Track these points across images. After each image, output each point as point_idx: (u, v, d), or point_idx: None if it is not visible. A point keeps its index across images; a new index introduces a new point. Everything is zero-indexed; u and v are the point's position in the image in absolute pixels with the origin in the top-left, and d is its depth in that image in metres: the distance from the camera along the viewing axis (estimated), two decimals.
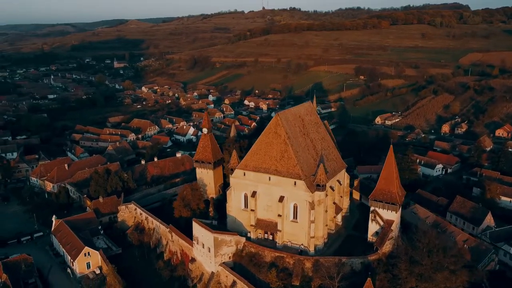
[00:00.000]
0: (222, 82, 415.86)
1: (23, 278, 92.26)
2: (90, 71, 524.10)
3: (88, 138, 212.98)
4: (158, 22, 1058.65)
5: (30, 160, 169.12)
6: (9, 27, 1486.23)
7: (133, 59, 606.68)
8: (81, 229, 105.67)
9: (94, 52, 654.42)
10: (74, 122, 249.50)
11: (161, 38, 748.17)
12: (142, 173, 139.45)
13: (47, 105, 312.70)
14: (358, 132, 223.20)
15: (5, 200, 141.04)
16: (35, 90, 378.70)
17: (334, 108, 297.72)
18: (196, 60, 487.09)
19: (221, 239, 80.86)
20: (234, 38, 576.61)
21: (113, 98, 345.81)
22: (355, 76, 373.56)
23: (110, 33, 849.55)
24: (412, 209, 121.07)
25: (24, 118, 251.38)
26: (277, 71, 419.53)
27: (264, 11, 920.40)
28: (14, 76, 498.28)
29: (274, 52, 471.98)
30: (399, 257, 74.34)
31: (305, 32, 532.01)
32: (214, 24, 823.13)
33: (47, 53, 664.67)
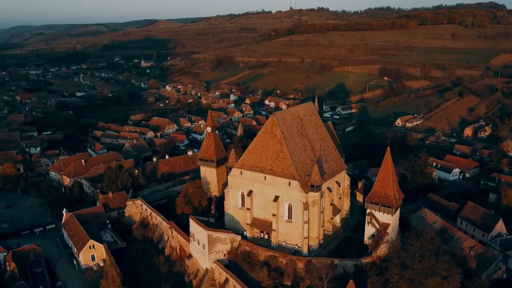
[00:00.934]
0: (245, 82, 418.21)
1: (31, 267, 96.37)
2: (118, 70, 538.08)
3: (109, 135, 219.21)
4: (187, 22, 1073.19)
5: (51, 155, 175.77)
6: (46, 27, 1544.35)
7: (160, 58, 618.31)
8: (89, 223, 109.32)
9: (123, 52, 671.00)
10: (98, 119, 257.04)
11: (188, 38, 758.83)
12: (153, 170, 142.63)
13: (74, 103, 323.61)
14: (375, 134, 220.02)
15: (25, 193, 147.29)
16: (64, 87, 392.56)
17: (355, 109, 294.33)
18: (220, 60, 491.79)
19: (216, 237, 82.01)
20: (259, 38, 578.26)
21: (137, 96, 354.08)
22: (379, 77, 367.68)
23: (140, 33, 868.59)
24: (420, 213, 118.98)
25: (51, 114, 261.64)
26: (300, 72, 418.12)
27: (291, 11, 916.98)
28: (46, 74, 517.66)
29: (298, 52, 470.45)
30: (391, 261, 73.34)
31: (330, 32, 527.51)
32: (241, 24, 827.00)
33: (79, 52, 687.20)
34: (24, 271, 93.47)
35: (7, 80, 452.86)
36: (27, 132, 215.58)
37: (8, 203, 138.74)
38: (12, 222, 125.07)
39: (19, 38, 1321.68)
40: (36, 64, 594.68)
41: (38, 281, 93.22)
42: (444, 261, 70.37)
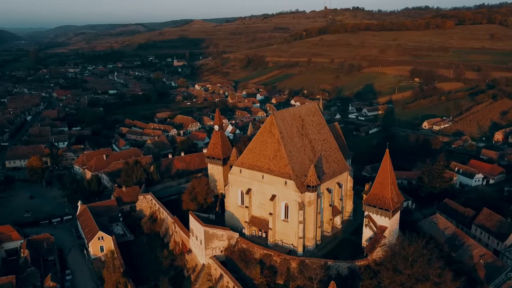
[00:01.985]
0: (273, 82, 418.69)
1: (44, 255, 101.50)
2: (151, 69, 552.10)
3: (134, 131, 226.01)
4: (221, 22, 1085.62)
5: (76, 149, 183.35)
6: (89, 27, 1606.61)
7: (193, 57, 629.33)
8: (101, 215, 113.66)
9: (158, 51, 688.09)
10: (126, 116, 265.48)
11: (221, 37, 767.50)
12: (168, 166, 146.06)
13: (106, 100, 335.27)
14: (398, 137, 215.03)
15: (49, 185, 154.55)
16: (98, 85, 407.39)
17: (382, 111, 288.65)
18: (250, 60, 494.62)
19: (212, 233, 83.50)
20: (290, 38, 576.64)
21: (166, 94, 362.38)
22: (410, 78, 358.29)
23: (175, 32, 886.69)
24: (432, 218, 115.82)
25: (82, 111, 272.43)
26: (329, 72, 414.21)
27: (326, 11, 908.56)
28: (84, 72, 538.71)
29: (328, 52, 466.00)
30: (384, 265, 72.26)
31: (362, 32, 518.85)
32: (274, 24, 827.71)
33: (116, 51, 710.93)
34: (37, 259, 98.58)
35: (47, 78, 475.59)
36: (57, 127, 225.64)
37: (33, 194, 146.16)
38: (33, 212, 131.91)
39: (63, 37, 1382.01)
40: (75, 62, 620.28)
41: (49, 268, 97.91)
42: (437, 267, 68.56)
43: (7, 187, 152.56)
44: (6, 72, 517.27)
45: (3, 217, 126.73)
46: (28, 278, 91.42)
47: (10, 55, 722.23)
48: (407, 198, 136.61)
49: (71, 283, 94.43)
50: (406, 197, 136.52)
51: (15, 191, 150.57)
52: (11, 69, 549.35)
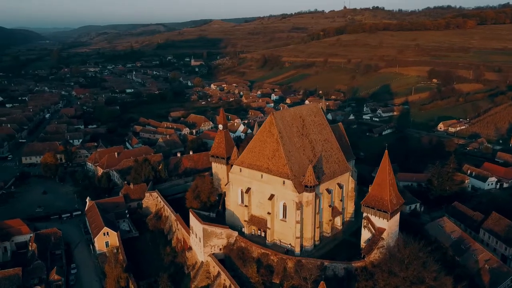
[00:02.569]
0: (289, 82, 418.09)
1: (51, 249, 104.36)
2: (169, 68, 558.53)
3: (147, 130, 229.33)
4: (240, 22, 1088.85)
5: (90, 147, 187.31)
6: (110, 27, 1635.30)
7: (211, 57, 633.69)
8: (109, 211, 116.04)
9: (176, 50, 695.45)
10: (141, 115, 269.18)
11: (239, 37, 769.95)
12: (176, 165, 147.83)
13: (123, 99, 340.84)
14: (411, 138, 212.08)
15: (62, 181, 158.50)
16: (116, 84, 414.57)
17: (397, 112, 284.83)
18: (267, 60, 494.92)
19: (211, 231, 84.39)
20: (307, 38, 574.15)
21: (182, 94, 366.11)
22: (428, 79, 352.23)
23: (193, 32, 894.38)
24: (439, 221, 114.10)
25: (98, 109, 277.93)
26: (346, 72, 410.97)
27: (345, 11, 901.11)
28: (103, 71, 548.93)
29: (345, 52, 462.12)
30: (379, 267, 71.74)
31: (380, 32, 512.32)
32: (293, 24, 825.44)
33: (135, 51, 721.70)
34: (44, 252, 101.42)
35: (67, 77, 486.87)
36: (73, 125, 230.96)
37: (46, 189, 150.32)
38: (45, 207, 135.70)
39: (86, 37, 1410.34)
40: (95, 62, 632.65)
41: (56, 262, 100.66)
42: (432, 270, 67.66)
43: (22, 183, 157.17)
44: (29, 71, 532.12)
45: (17, 211, 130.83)
46: (35, 271, 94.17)
47: (34, 54, 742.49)
48: (415, 200, 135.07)
49: (75, 277, 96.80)
50: (414, 200, 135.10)
51: (29, 186, 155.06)
52: (34, 68, 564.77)
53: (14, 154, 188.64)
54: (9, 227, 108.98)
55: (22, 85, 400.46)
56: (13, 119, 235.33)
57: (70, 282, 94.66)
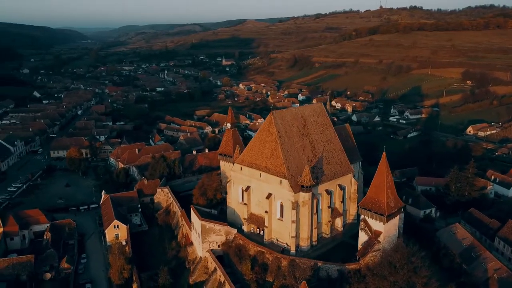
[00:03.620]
0: (317, 82, 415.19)
1: (65, 239, 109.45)
2: (200, 68, 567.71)
3: (171, 128, 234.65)
4: (274, 22, 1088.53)
5: (114, 143, 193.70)
6: (149, 27, 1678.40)
7: (242, 57, 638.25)
8: (122, 205, 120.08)
9: (209, 50, 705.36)
10: (168, 113, 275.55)
11: (272, 37, 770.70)
12: (191, 162, 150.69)
13: (152, 97, 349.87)
14: (435, 142, 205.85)
15: (84, 175, 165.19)
16: (148, 83, 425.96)
17: (425, 114, 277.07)
18: (297, 60, 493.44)
19: (209, 227, 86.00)
20: (339, 38, 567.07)
21: (210, 93, 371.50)
22: (461, 81, 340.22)
23: (227, 32, 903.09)
24: (451, 228, 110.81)
25: (128, 107, 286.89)
26: (376, 73, 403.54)
27: (381, 10, 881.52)
28: (138, 70, 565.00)
29: (377, 53, 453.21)
30: (371, 270, 70.87)
31: (414, 33, 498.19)
32: (326, 24, 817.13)
33: (169, 50, 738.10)
34: (58, 242, 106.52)
35: (103, 75, 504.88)
36: (102, 122, 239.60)
37: (69, 182, 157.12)
38: (66, 199, 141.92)
39: (125, 37, 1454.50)
40: (131, 61, 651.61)
41: (68, 251, 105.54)
42: (423, 275, 66.13)
43: (48, 175, 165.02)
44: (69, 69, 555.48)
45: (40, 202, 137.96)
46: (47, 259, 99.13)
47: (75, 53, 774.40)
48: (430, 205, 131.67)
49: (84, 266, 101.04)
50: (429, 205, 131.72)
51: (54, 179, 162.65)
52: (73, 66, 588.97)
53: (44, 148, 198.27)
54: (28, 217, 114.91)
55: (60, 83, 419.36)
56: (47, 114, 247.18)
57: (79, 271, 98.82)
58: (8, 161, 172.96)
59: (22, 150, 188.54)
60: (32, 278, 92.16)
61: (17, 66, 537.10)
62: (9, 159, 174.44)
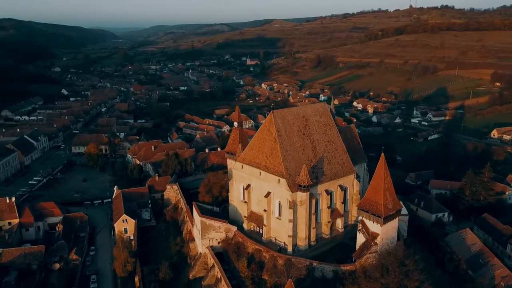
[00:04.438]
0: (340, 82, 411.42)
1: (76, 232, 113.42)
2: (225, 67, 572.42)
3: (190, 126, 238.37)
4: (301, 22, 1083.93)
5: (132, 140, 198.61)
6: (178, 27, 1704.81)
7: (267, 57, 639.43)
8: (132, 200, 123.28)
9: (235, 50, 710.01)
10: (189, 111, 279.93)
11: (297, 37, 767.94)
12: (203, 160, 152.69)
13: (175, 96, 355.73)
14: (456, 145, 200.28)
15: (102, 170, 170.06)
16: (172, 82, 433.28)
17: (449, 116, 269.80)
18: (321, 60, 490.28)
19: (209, 224, 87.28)
20: (365, 38, 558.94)
21: (231, 92, 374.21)
22: (490, 83, 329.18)
23: (253, 32, 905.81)
24: (460, 233, 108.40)
25: (150, 105, 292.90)
26: (401, 74, 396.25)
27: (410, 10, 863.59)
28: (164, 69, 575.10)
29: (403, 53, 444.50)
30: (364, 272, 70.29)
31: (443, 32, 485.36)
32: (353, 24, 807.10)
33: (196, 50, 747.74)
34: (69, 234, 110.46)
35: (130, 74, 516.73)
36: (123, 119, 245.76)
37: (86, 177, 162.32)
38: (82, 193, 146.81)
39: (154, 36, 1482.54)
40: (157, 60, 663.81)
41: (79, 243, 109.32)
42: (415, 279, 65.05)
43: (68, 170, 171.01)
44: (97, 68, 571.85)
45: (58, 195, 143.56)
46: (57, 249, 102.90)
47: (105, 52, 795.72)
48: (442, 209, 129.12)
49: (92, 258, 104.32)
50: (442, 209, 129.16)
51: (73, 173, 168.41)
52: (102, 65, 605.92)
53: (66, 144, 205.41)
54: (44, 209, 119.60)
55: (87, 81, 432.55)
56: (72, 111, 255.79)
57: (87, 263, 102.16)
58: (31, 156, 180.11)
59: (46, 145, 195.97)
60: (42, 268, 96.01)
61: (49, 65, 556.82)
62: (33, 154, 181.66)
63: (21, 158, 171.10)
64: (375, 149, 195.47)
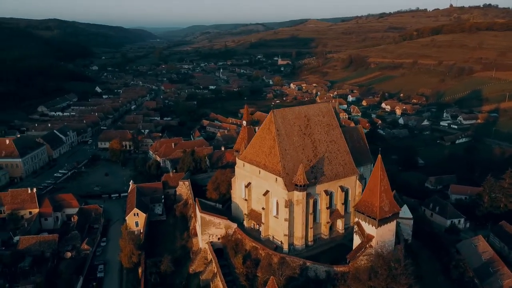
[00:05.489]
0: (371, 83, 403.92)
1: (90, 223, 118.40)
2: (256, 67, 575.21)
3: (213, 125, 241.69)
4: (337, 22, 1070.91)
5: (155, 137, 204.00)
6: (214, 27, 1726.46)
7: (299, 57, 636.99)
8: (146, 195, 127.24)
9: (267, 50, 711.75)
10: (215, 110, 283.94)
11: (331, 37, 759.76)
12: (219, 158, 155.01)
13: (203, 94, 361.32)
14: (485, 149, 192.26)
15: (123, 165, 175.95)
16: (202, 81, 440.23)
17: (481, 119, 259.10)
18: (352, 60, 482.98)
19: (209, 220, 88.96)
20: (399, 38, 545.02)
21: (259, 92, 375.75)
22: None
23: (287, 32, 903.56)
24: (472, 240, 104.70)
25: (177, 103, 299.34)
26: (435, 75, 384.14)
27: (450, 9, 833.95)
28: (196, 68, 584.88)
29: (438, 54, 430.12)
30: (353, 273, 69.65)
31: (482, 32, 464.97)
32: (390, 24, 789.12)
33: (229, 50, 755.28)
34: (83, 225, 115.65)
35: (163, 72, 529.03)
36: (149, 116, 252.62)
37: (108, 172, 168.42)
38: (103, 187, 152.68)
39: (191, 36, 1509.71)
40: (191, 59, 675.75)
41: (92, 234, 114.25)
42: (403, 283, 63.81)
43: (92, 164, 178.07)
44: (133, 67, 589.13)
45: (80, 188, 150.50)
46: (71, 239, 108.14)
47: (142, 52, 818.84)
48: (458, 215, 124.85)
49: (103, 249, 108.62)
50: (457, 215, 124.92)
51: (97, 167, 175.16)
52: (138, 64, 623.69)
53: (94, 139, 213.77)
54: (62, 200, 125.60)
55: (121, 79, 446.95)
56: (102, 108, 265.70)
57: (97, 253, 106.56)
58: (60, 150, 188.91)
59: (74, 140, 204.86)
60: (54, 256, 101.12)
61: (88, 63, 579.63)
62: (61, 148, 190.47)
63: (50, 151, 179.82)
64: (397, 151, 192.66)
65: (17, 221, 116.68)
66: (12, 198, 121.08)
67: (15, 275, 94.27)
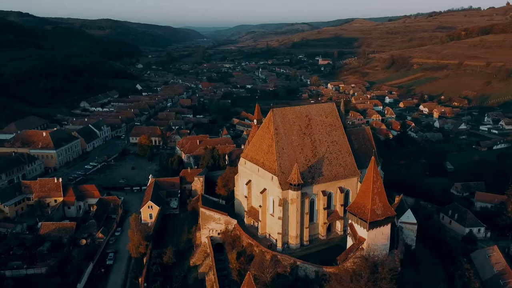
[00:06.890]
0: (412, 85, 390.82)
1: (109, 213, 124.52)
2: (297, 66, 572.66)
3: (242, 123, 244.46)
4: (384, 21, 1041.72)
5: (183, 133, 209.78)
6: (259, 26, 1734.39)
7: (341, 57, 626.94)
8: (163, 189, 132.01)
9: (309, 49, 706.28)
10: (247, 109, 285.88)
11: (376, 37, 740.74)
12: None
13: (239, 93, 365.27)
14: None
15: (150, 160, 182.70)
16: (240, 80, 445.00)
17: None
18: (394, 60, 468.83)
19: (209, 215, 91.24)
20: (446, 38, 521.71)
21: (295, 91, 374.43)
22: None
23: (330, 31, 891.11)
24: (486, 250, 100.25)
25: (210, 101, 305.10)
26: (481, 77, 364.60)
27: (507, 7, 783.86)
28: (236, 67, 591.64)
29: (487, 55, 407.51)
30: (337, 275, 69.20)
31: None
32: (439, 23, 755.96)
33: (270, 49, 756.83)
34: (101, 214, 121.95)
35: (204, 71, 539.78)
36: (182, 114, 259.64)
37: (135, 165, 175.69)
38: (127, 180, 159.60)
39: (236, 35, 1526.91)
40: (232, 59, 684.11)
41: (109, 224, 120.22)
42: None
43: (121, 158, 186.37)
44: (176, 65, 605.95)
45: (107, 180, 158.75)
46: (88, 227, 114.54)
47: (187, 51, 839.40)
48: (478, 224, 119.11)
49: (116, 238, 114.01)
50: (477, 223, 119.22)
51: (125, 161, 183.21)
52: (181, 63, 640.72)
53: (126, 134, 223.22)
54: (85, 190, 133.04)
55: (162, 77, 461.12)
56: (139, 105, 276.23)
57: (110, 242, 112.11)
58: (93, 143, 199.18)
59: (108, 134, 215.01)
60: (70, 242, 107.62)
61: (134, 62, 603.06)
62: (95, 142, 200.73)
63: (84, 145, 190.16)
64: (427, 155, 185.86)
65: (43, 208, 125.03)
66: (40, 186, 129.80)
67: (34, 257, 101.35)
